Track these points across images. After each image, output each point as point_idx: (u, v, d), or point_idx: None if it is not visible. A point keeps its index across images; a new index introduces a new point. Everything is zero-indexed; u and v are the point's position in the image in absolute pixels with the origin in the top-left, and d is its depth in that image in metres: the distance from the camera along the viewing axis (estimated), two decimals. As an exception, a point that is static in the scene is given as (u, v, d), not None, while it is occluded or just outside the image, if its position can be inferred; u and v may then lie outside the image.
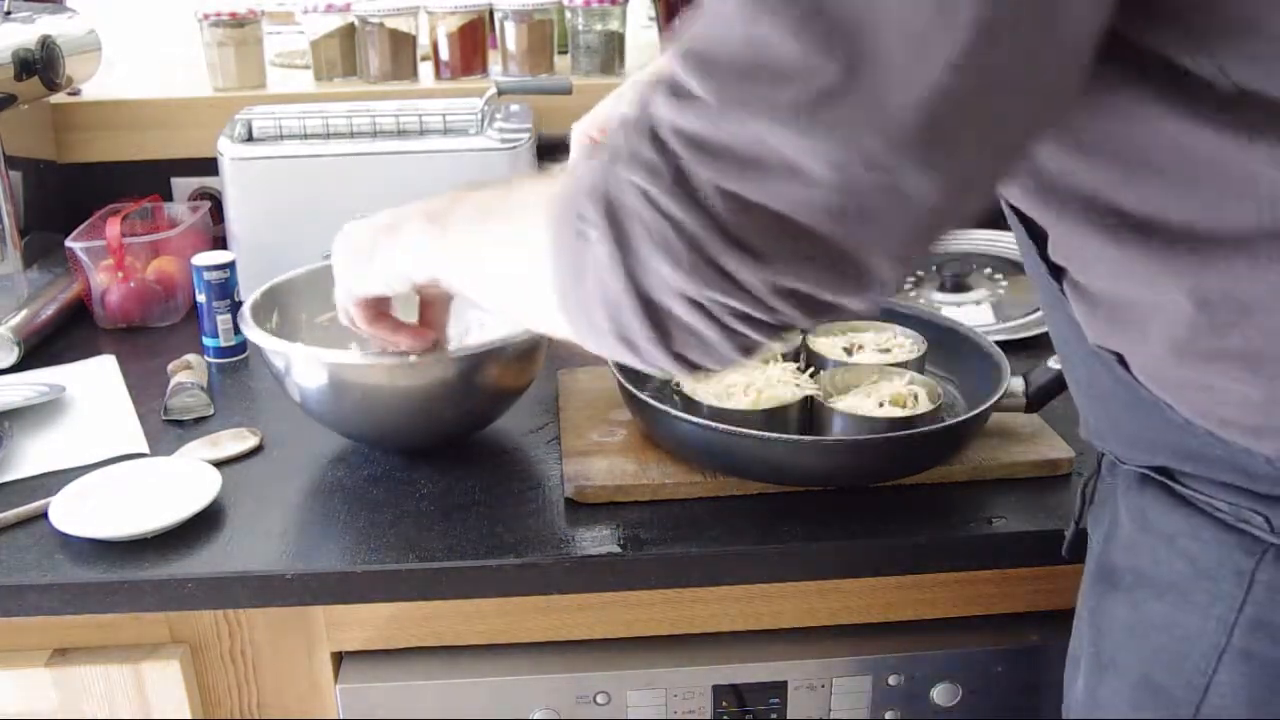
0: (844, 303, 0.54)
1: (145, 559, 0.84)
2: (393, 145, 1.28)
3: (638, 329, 0.55)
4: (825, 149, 0.48)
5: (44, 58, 1.31)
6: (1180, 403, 0.60)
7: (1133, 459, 0.65)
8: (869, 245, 0.51)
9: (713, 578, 0.87)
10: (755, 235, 0.51)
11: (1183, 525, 0.61)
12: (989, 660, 0.93)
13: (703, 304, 0.53)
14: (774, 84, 0.48)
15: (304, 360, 0.92)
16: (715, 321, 0.54)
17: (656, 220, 0.52)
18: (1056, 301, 0.65)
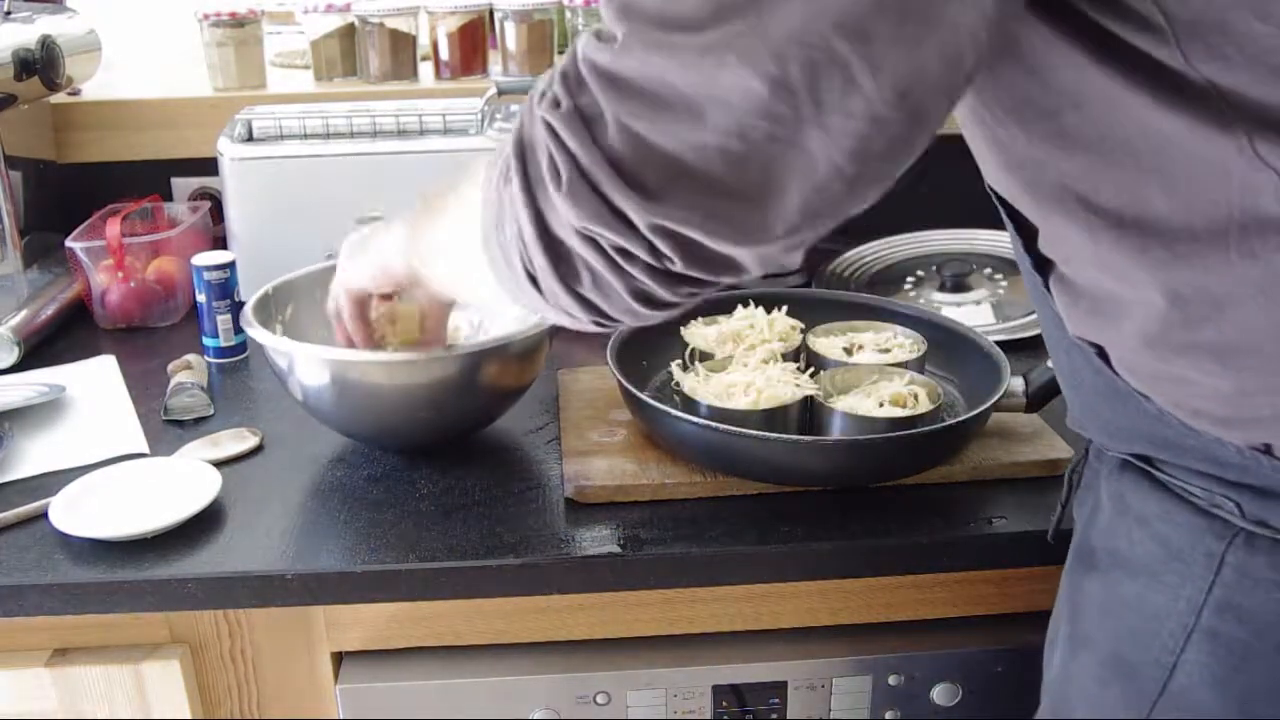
0: (732, 253, 0.55)
1: (145, 559, 0.84)
2: (393, 145, 1.28)
3: (541, 265, 0.57)
4: (723, 94, 0.50)
5: (44, 58, 1.31)
6: (1155, 394, 0.61)
7: (1113, 446, 0.67)
8: (760, 198, 0.52)
9: (713, 578, 0.87)
10: (649, 174, 0.52)
11: (1157, 508, 0.63)
12: (989, 660, 0.93)
13: (594, 239, 0.55)
14: (681, 30, 0.50)
15: (307, 359, 0.92)
16: (606, 259, 0.55)
17: (559, 153, 0.54)
18: (1042, 294, 0.67)
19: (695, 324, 1.06)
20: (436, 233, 0.73)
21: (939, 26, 0.50)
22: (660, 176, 0.53)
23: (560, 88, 0.55)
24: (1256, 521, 0.58)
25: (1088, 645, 0.68)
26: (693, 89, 0.51)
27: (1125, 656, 0.64)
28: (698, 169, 0.52)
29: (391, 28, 1.51)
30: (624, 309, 0.59)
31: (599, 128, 0.53)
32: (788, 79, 0.49)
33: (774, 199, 0.53)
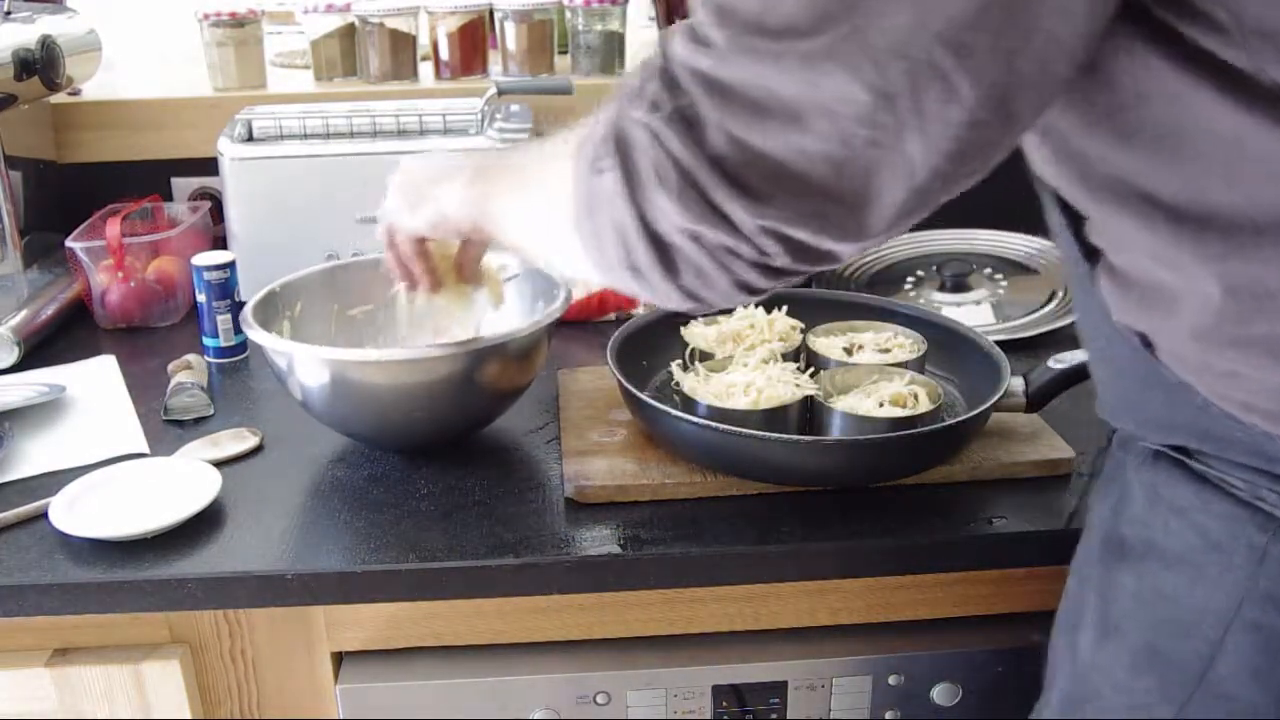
0: (833, 249, 0.57)
1: (145, 559, 0.84)
2: (393, 145, 1.29)
3: (644, 259, 0.59)
4: (826, 102, 0.51)
5: (44, 58, 1.31)
6: (1203, 385, 0.61)
7: (1149, 437, 0.66)
8: (862, 200, 0.54)
9: (713, 578, 0.87)
10: (754, 177, 0.54)
11: (1195, 499, 0.63)
12: (989, 660, 0.93)
13: (699, 237, 0.56)
14: (783, 37, 0.51)
15: (306, 359, 0.92)
16: (712, 255, 0.57)
17: (659, 155, 0.56)
18: (1086, 282, 0.66)
19: (695, 324, 1.06)
20: (509, 198, 0.76)
21: (1035, 37, 0.51)
22: (765, 180, 0.54)
23: (659, 90, 0.56)
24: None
25: (1119, 634, 0.67)
26: (796, 96, 0.52)
27: (1161, 646, 0.64)
28: (801, 173, 0.53)
29: (391, 28, 1.51)
30: (724, 296, 0.61)
31: (701, 132, 0.55)
32: (889, 88, 0.51)
33: (874, 200, 0.55)
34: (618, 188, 0.58)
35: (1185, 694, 0.63)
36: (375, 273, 0.97)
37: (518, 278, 1.05)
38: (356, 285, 1.08)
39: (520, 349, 0.95)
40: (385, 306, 1.07)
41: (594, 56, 1.54)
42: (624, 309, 1.28)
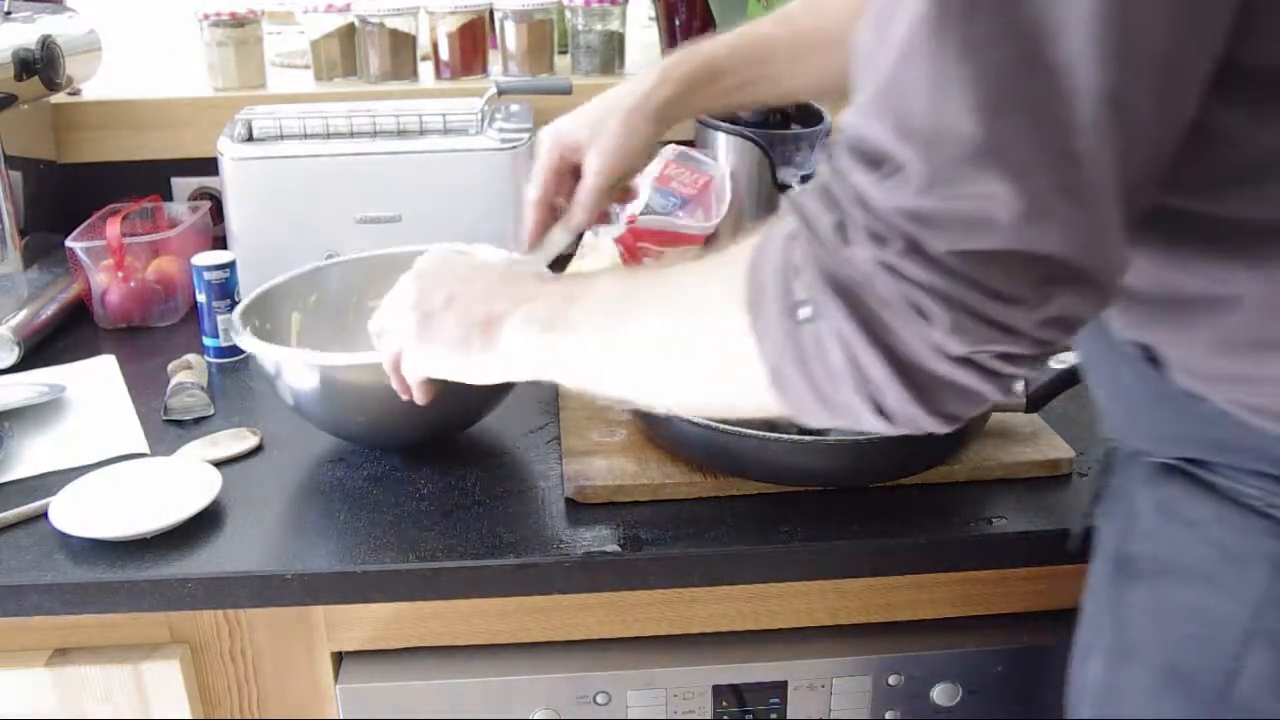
0: (1094, 312, 0.55)
1: (145, 559, 0.84)
2: (393, 145, 1.28)
3: (895, 398, 0.55)
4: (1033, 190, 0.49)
5: (44, 58, 1.31)
6: (1213, 393, 0.60)
7: (1159, 452, 0.66)
8: (1101, 256, 0.52)
9: (713, 578, 0.87)
10: (1005, 282, 0.51)
11: (1208, 512, 0.62)
12: (989, 660, 0.93)
13: (970, 358, 0.53)
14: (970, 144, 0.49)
15: (293, 364, 0.92)
16: (983, 370, 0.54)
17: (906, 289, 0.52)
18: None
19: (695, 324, 1.06)
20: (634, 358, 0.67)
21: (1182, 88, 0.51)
22: (1016, 280, 0.51)
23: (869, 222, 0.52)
24: None
25: (1136, 655, 0.66)
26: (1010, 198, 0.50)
27: (1180, 665, 0.63)
28: (1044, 256, 0.51)
29: (391, 28, 1.51)
30: (986, 404, 0.57)
31: (935, 259, 0.51)
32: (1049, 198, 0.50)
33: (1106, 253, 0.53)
34: (850, 334, 0.53)
35: (1209, 712, 0.62)
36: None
37: None
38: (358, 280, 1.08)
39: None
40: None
41: (594, 56, 1.54)
42: (624, 309, 1.28)
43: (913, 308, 0.52)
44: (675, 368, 0.64)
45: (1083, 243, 0.51)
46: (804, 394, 0.58)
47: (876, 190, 0.51)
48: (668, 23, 1.57)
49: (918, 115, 0.50)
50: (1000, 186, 0.49)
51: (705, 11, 1.49)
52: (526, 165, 1.29)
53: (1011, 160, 0.49)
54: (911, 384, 0.54)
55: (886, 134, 0.51)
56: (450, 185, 1.27)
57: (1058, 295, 0.52)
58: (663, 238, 1.31)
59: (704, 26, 1.51)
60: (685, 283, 0.64)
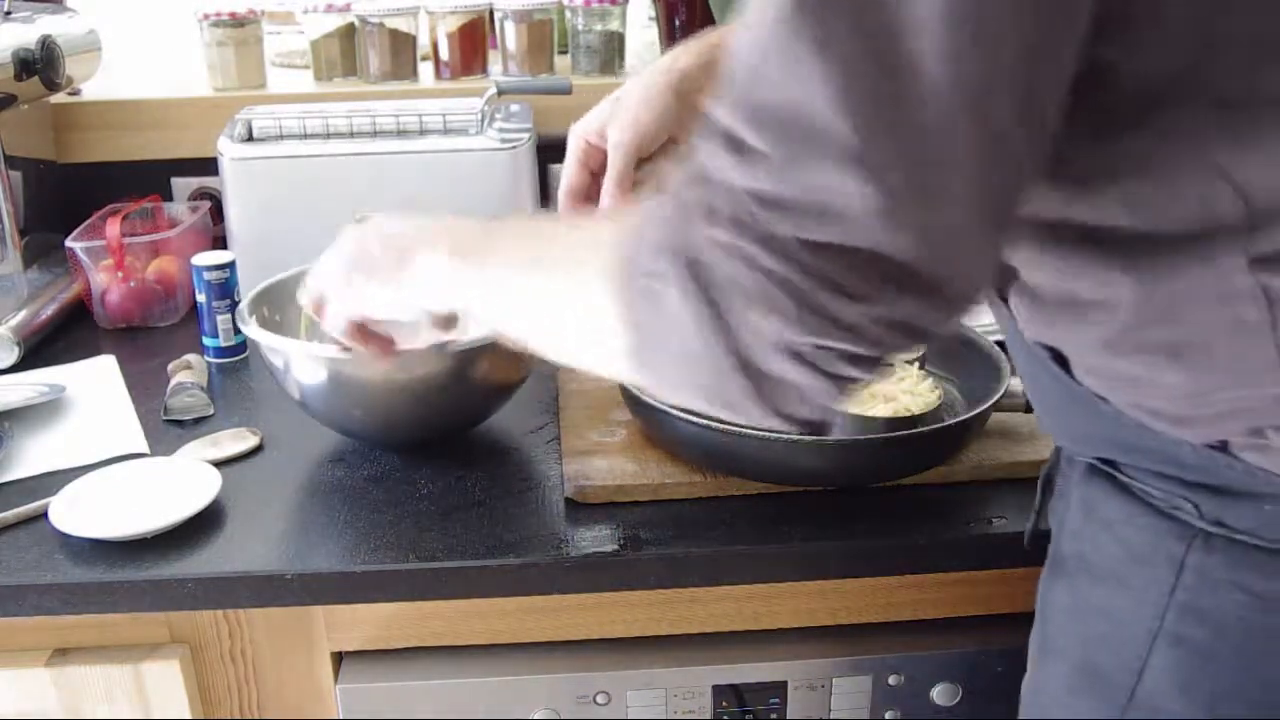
0: (941, 322, 0.54)
1: (145, 559, 0.84)
2: (393, 145, 1.28)
3: (735, 387, 0.55)
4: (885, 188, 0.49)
5: (44, 58, 1.31)
6: (1112, 395, 0.62)
7: (1077, 450, 0.67)
8: (953, 265, 0.52)
9: (713, 578, 0.87)
10: (849, 277, 0.51)
11: (1121, 512, 0.63)
12: (989, 660, 0.93)
13: (804, 353, 0.53)
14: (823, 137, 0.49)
15: (302, 357, 0.92)
16: (817, 369, 0.53)
17: (753, 277, 0.51)
18: (998, 303, 0.67)
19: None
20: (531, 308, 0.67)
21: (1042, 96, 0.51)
22: (859, 277, 0.51)
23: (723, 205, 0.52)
24: (1214, 522, 0.59)
25: (1057, 653, 0.68)
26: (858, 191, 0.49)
27: (1095, 663, 0.64)
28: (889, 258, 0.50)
29: (391, 28, 1.51)
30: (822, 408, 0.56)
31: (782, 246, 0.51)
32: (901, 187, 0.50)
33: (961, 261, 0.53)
34: (695, 316, 0.53)
35: (1119, 710, 0.63)
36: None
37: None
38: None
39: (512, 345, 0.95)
40: None
41: (594, 56, 1.54)
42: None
43: (757, 293, 0.52)
44: (558, 324, 0.65)
45: (934, 248, 0.51)
46: (657, 371, 0.58)
47: (735, 173, 0.51)
48: (668, 23, 1.57)
49: (774, 106, 0.50)
50: (852, 181, 0.49)
51: (705, 11, 1.49)
52: (527, 165, 1.29)
53: (865, 157, 0.49)
54: (749, 376, 0.54)
55: (747, 122, 0.51)
56: (450, 185, 1.27)
57: (902, 299, 0.52)
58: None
59: (704, 26, 1.50)
60: (578, 240, 0.64)
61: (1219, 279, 0.55)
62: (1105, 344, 0.60)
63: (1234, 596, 0.58)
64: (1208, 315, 0.56)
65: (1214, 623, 0.59)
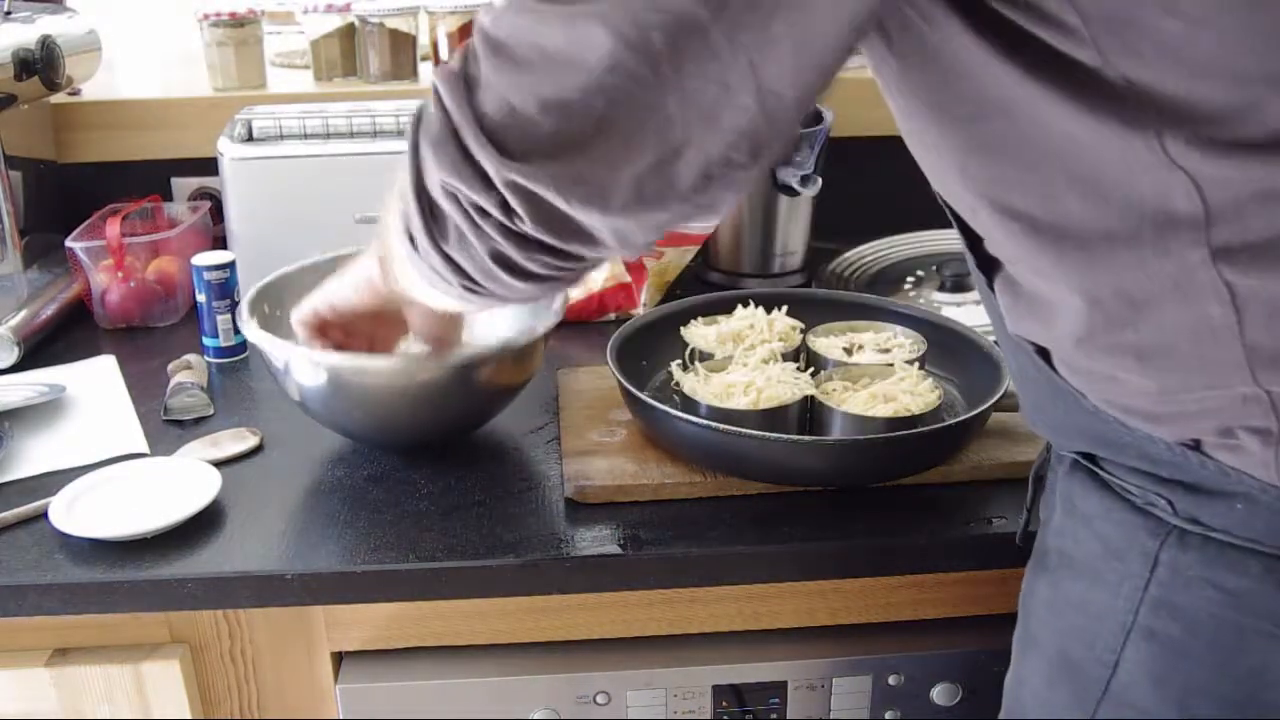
0: (580, 218, 0.56)
1: (145, 559, 0.84)
2: (393, 145, 1.28)
3: (416, 220, 0.60)
4: (585, 54, 0.52)
5: (44, 58, 1.31)
6: (1089, 391, 0.62)
7: (1060, 445, 0.68)
8: (615, 158, 0.54)
9: (713, 578, 0.87)
10: (511, 133, 0.54)
11: (1099, 507, 0.64)
12: (989, 660, 0.92)
13: (455, 195, 0.57)
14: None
15: (303, 359, 0.92)
16: (465, 215, 0.58)
17: (436, 114, 0.57)
18: (986, 293, 0.68)
19: (695, 324, 1.06)
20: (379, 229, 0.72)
21: (793, 9, 0.51)
22: (520, 136, 0.54)
23: (458, 55, 0.57)
24: (1188, 519, 0.59)
25: (1036, 645, 0.69)
26: (557, 49, 0.53)
27: (1070, 656, 0.65)
28: (558, 128, 0.54)
29: (391, 28, 1.51)
30: (484, 272, 0.61)
31: (475, 90, 0.56)
32: (648, 42, 0.51)
33: (626, 161, 0.55)
34: (407, 153, 0.59)
35: (1093, 702, 0.64)
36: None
37: None
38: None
39: (517, 350, 0.95)
40: None
41: (594, 56, 1.54)
42: (624, 309, 1.28)
43: (433, 130, 0.57)
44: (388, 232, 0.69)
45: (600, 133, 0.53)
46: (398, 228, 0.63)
47: (481, 15, 0.56)
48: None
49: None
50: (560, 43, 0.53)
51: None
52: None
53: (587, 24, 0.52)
54: (423, 208, 0.59)
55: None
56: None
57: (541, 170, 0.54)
58: (663, 238, 1.30)
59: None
60: None
61: (1181, 274, 0.55)
62: (1077, 341, 0.61)
63: (1206, 593, 0.59)
64: (1174, 315, 0.56)
65: (1187, 618, 0.60)
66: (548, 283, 0.62)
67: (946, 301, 1.28)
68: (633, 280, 1.28)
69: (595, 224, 0.56)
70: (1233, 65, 0.51)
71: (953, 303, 1.27)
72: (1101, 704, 0.63)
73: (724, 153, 0.55)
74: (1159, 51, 0.51)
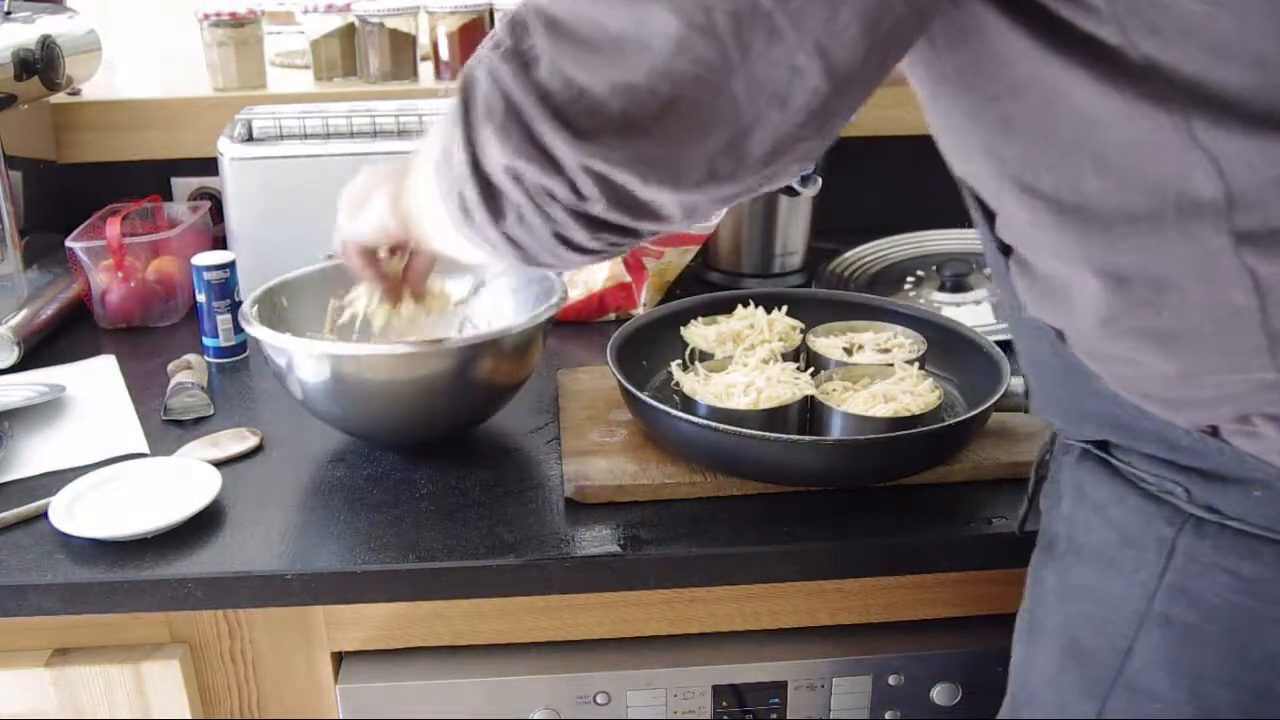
0: (652, 198, 0.56)
1: (145, 559, 0.84)
2: (393, 145, 1.29)
3: (472, 199, 0.59)
4: (650, 38, 0.52)
5: (44, 58, 1.31)
6: (1108, 375, 0.62)
7: (1072, 432, 0.68)
8: (685, 141, 0.55)
9: (713, 578, 0.87)
10: (579, 113, 0.54)
11: (1112, 495, 0.64)
12: (989, 660, 0.92)
13: (524, 179, 0.57)
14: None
15: (305, 354, 0.92)
16: (531, 196, 0.57)
17: (492, 92, 0.56)
18: (1004, 278, 0.67)
19: (695, 324, 1.06)
20: (413, 179, 0.73)
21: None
22: (588, 116, 0.54)
23: (506, 30, 0.57)
24: (1204, 506, 0.59)
25: (1046, 631, 0.69)
26: (621, 31, 0.53)
27: (1082, 642, 0.65)
28: (623, 110, 0.54)
29: (391, 28, 1.51)
30: (544, 248, 0.61)
31: (534, 67, 0.55)
32: (714, 26, 0.52)
33: (698, 142, 0.55)
34: (457, 128, 0.58)
35: (1105, 690, 0.64)
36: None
37: (465, 302, 1.06)
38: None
39: (516, 345, 0.95)
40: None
41: (594, 56, 1.54)
42: (624, 309, 1.28)
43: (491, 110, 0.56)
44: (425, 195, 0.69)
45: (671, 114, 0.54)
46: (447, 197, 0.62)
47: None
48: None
49: None
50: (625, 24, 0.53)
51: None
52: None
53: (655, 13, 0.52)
54: (481, 183, 0.59)
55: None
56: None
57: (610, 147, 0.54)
58: (662, 238, 1.31)
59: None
60: None
61: (1204, 258, 0.55)
62: (1098, 324, 0.61)
63: (1222, 580, 0.59)
64: (1197, 299, 0.56)
65: (1202, 605, 0.60)
66: (604, 254, 0.63)
67: (946, 301, 1.28)
68: (633, 280, 1.28)
69: (666, 201, 0.57)
70: (1253, 47, 0.50)
71: (953, 303, 1.28)
72: (1114, 690, 0.63)
73: (794, 130, 0.55)
74: (1179, 31, 0.51)
